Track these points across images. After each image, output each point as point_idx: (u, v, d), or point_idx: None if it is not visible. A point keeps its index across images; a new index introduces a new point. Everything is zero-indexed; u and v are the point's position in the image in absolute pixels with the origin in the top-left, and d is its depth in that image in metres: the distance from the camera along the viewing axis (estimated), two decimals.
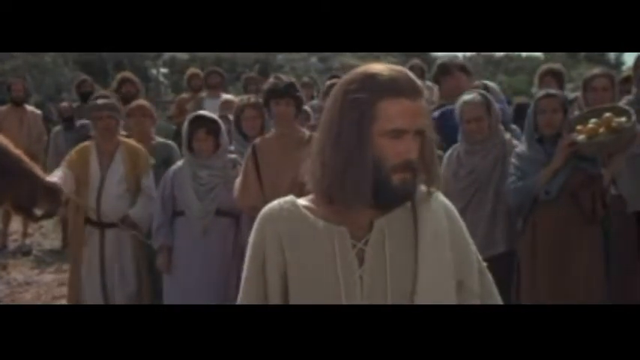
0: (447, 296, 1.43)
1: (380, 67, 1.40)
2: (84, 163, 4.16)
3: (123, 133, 4.47)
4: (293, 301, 1.44)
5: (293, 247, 1.44)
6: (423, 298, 1.40)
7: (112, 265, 4.14)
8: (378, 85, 1.37)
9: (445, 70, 4.43)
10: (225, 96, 6.74)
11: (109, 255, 4.14)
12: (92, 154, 4.23)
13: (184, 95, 7.76)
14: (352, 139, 1.36)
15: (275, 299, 1.45)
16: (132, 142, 4.41)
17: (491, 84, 4.45)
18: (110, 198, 4.15)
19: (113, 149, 4.24)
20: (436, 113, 4.29)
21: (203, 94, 7.08)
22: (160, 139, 4.80)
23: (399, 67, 1.43)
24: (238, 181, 3.70)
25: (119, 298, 4.12)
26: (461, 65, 4.48)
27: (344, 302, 1.39)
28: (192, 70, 8.06)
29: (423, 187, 1.45)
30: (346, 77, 1.43)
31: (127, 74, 6.49)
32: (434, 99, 5.14)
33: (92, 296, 4.11)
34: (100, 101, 4.35)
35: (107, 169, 4.20)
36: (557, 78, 5.19)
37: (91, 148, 4.27)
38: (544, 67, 5.54)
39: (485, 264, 1.56)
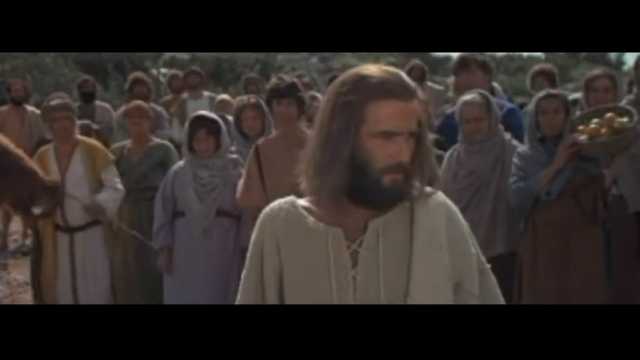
0: (441, 297, 1.42)
1: (372, 68, 1.40)
2: (43, 169, 4.01)
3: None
4: (288, 301, 1.44)
5: (288, 247, 1.45)
6: (416, 299, 1.39)
7: (83, 269, 4.08)
8: (367, 87, 1.37)
9: (464, 64, 4.26)
10: (221, 96, 6.74)
11: (79, 259, 4.09)
12: (50, 157, 4.13)
13: (167, 97, 7.77)
14: (341, 141, 1.36)
15: (272, 299, 1.46)
16: (90, 140, 4.35)
17: (496, 84, 4.40)
18: (73, 200, 4.05)
19: (71, 150, 4.15)
20: (450, 110, 4.18)
21: (185, 95, 7.07)
22: (157, 140, 4.78)
23: (391, 69, 1.42)
24: (241, 182, 3.70)
25: (87, 301, 4.06)
26: (482, 62, 4.28)
27: (336, 303, 1.39)
28: (172, 71, 8.08)
29: (422, 188, 1.44)
30: (339, 79, 1.43)
31: (139, 75, 6.49)
32: (450, 94, 4.98)
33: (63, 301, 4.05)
34: (54, 102, 4.23)
35: (66, 171, 4.11)
36: (549, 78, 5.18)
37: (49, 151, 4.17)
38: (535, 67, 5.53)
39: (488, 265, 1.55)
